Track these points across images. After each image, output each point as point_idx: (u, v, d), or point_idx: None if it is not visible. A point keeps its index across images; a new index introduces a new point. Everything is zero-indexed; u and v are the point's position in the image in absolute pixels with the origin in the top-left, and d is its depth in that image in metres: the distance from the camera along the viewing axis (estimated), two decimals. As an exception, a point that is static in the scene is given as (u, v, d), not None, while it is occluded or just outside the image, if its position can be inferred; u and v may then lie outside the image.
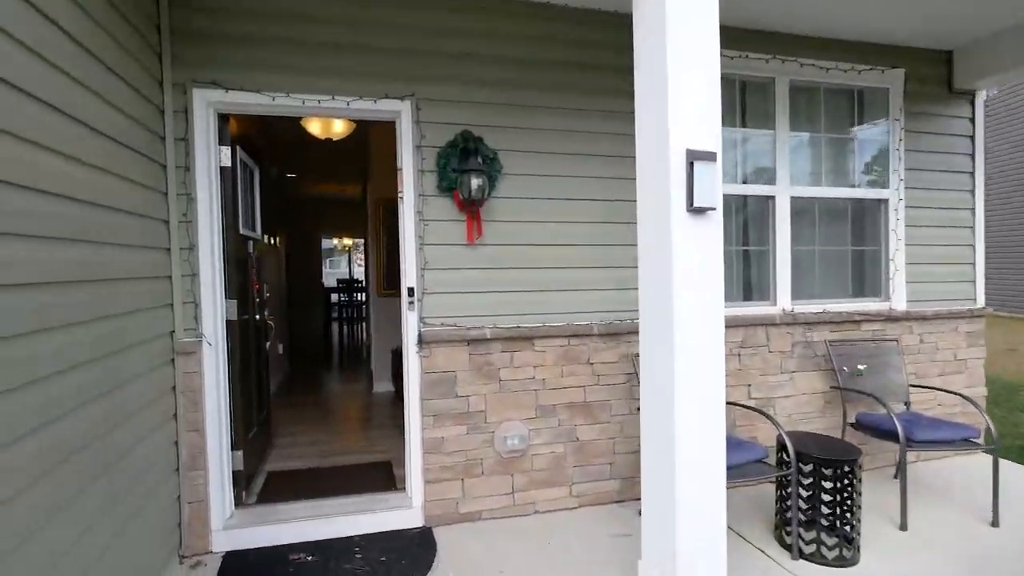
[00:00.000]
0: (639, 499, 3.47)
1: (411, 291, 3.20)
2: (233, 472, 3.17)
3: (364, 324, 11.54)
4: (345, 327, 11.98)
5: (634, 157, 3.56)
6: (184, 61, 2.91)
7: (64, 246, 1.94)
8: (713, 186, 2.07)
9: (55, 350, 1.86)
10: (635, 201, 3.57)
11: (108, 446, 2.19)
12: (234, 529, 3.05)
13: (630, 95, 3.58)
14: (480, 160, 3.16)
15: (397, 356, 5.84)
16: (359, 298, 12.18)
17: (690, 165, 2.06)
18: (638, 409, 3.44)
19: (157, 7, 2.84)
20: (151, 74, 2.75)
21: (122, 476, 2.30)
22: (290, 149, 6.57)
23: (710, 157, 2.08)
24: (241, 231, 3.43)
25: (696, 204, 2.05)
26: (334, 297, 12.35)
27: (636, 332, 3.50)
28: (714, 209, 2.10)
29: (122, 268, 2.38)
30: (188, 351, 2.90)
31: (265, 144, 5.93)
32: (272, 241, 6.80)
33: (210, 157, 3.00)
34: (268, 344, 4.17)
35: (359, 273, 15.69)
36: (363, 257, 11.05)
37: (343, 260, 19.46)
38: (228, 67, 2.96)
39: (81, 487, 1.97)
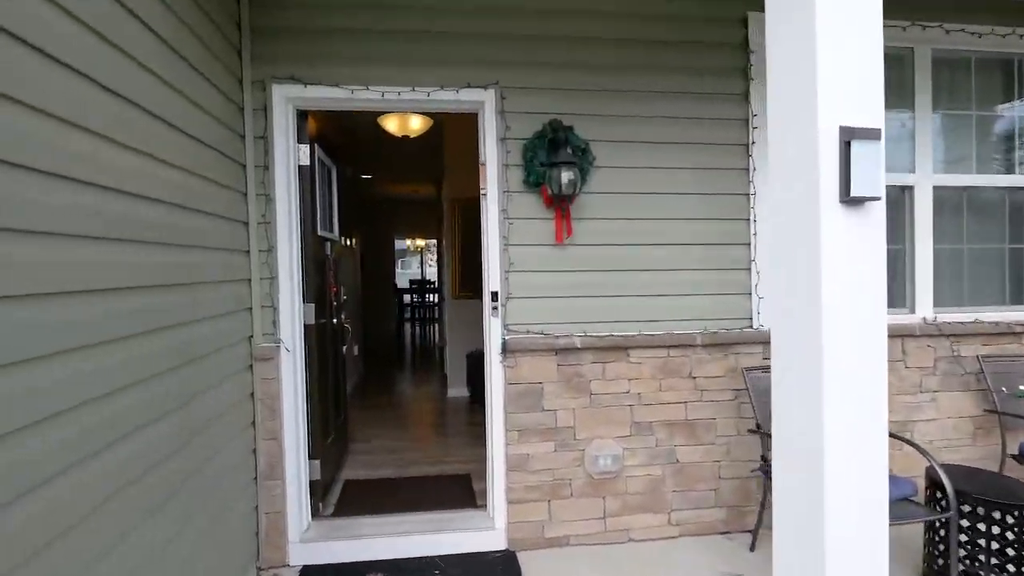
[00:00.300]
0: (748, 531, 3.07)
1: (495, 296, 2.95)
2: (310, 482, 3.03)
3: (436, 325, 11.52)
4: (417, 328, 12.02)
5: (741, 144, 3.20)
6: (263, 57, 2.80)
7: (147, 249, 1.85)
8: (875, 170, 1.68)
9: (139, 357, 1.77)
10: (741, 194, 3.20)
11: (189, 456, 2.10)
12: (311, 543, 2.90)
13: (738, 73, 3.24)
14: (570, 151, 2.87)
15: (472, 360, 5.66)
16: (431, 299, 12.19)
17: (845, 145, 1.68)
18: (750, 431, 3.05)
19: (238, 3, 2.73)
20: (231, 71, 2.64)
21: (202, 486, 2.20)
22: (366, 149, 6.52)
23: (872, 135, 1.69)
24: (319, 232, 3.30)
25: (854, 193, 1.67)
26: (406, 298, 12.42)
27: (745, 343, 3.11)
28: (877, 199, 1.70)
29: (204, 272, 2.28)
30: (266, 357, 2.78)
31: (341, 143, 5.89)
32: (348, 242, 6.79)
33: (289, 156, 2.87)
34: (345, 348, 4.06)
35: (430, 274, 15.78)
36: (436, 258, 11.03)
37: (414, 261, 19.71)
38: (307, 61, 2.82)
39: (164, 498, 1.90)
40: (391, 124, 4.22)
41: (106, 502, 1.58)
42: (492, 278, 2.96)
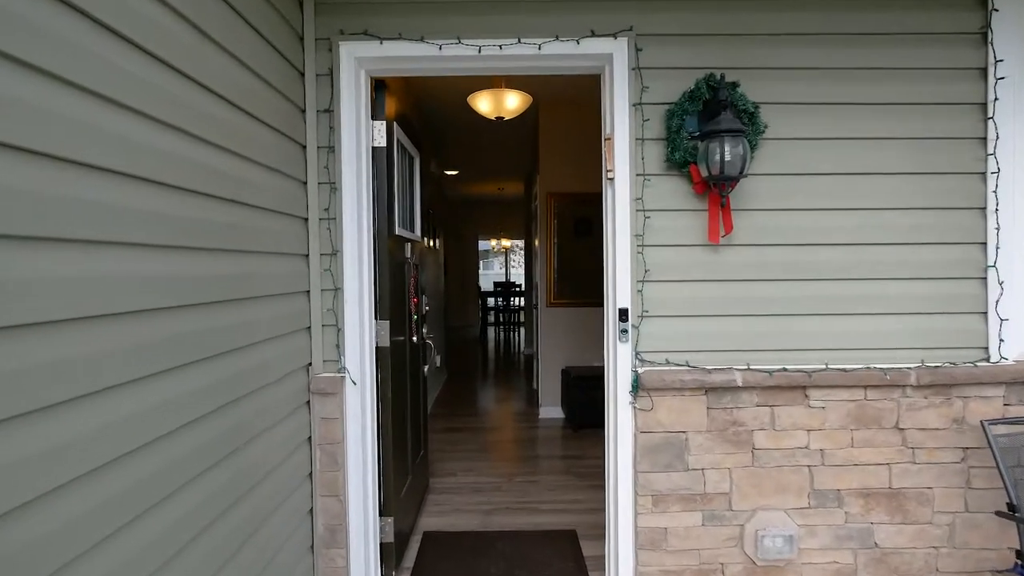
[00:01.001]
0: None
1: (623, 314, 2.20)
2: (381, 545, 2.41)
3: (522, 330, 10.90)
4: (501, 333, 11.45)
5: (973, 104, 2.15)
6: (329, 8, 2.20)
7: (187, 257, 1.37)
8: None
9: (181, 398, 1.33)
10: (973, 174, 2.19)
11: (234, 525, 1.57)
12: (383, 626, 2.28)
13: (970, 3, 2.20)
14: (733, 117, 2.07)
15: (568, 378, 4.93)
16: (516, 303, 11.58)
17: None
18: (1000, 513, 2.07)
19: (298, -59, 2.16)
20: (290, 26, 2.07)
21: (248, 566, 1.62)
22: (451, 139, 5.98)
23: None
24: (397, 231, 2.68)
25: None
26: (490, 302, 11.88)
27: (978, 383, 2.19)
28: None
29: (255, 283, 1.74)
30: (327, 391, 2.17)
31: (425, 131, 5.35)
32: (432, 244, 6.25)
33: (360, 135, 2.26)
34: (427, 368, 3.44)
35: (515, 275, 15.20)
36: (523, 259, 10.42)
37: (496, 262, 19.26)
38: (383, 9, 2.20)
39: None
40: (483, 103, 3.56)
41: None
42: (620, 290, 2.21)
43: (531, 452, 4.43)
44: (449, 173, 7.54)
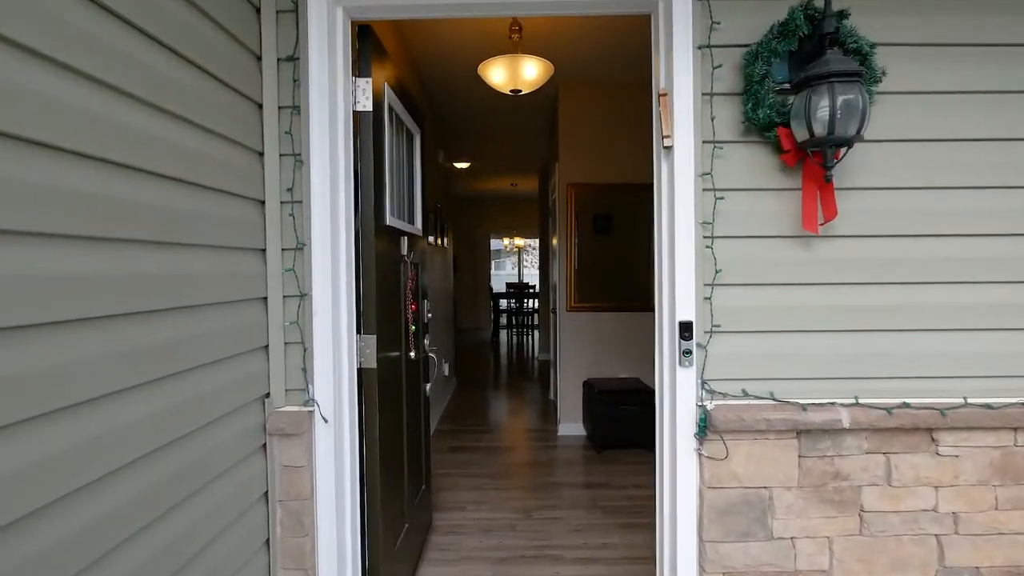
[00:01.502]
0: None
1: (685, 329, 1.63)
2: (367, 623, 1.86)
3: (536, 334, 10.35)
4: (514, 337, 10.90)
5: None
6: (295, -76, 1.66)
7: (104, 252, 0.98)
8: None
9: (87, 446, 0.94)
10: None
11: None
12: None
13: None
14: (844, 56, 1.50)
15: (591, 392, 4.37)
16: (530, 305, 11.03)
17: None
18: None
19: None
20: (242, -55, 1.54)
21: None
22: (457, 126, 5.45)
23: None
24: (389, 222, 2.12)
25: None
26: (503, 304, 11.34)
27: None
28: None
29: (193, 287, 1.27)
30: (289, 431, 1.62)
31: (429, 115, 4.82)
32: (441, 242, 5.71)
33: (336, 93, 1.72)
34: (428, 385, 2.90)
35: (528, 275, 14.65)
36: (538, 259, 9.87)
37: (508, 262, 18.73)
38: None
39: None
40: (496, 73, 3.01)
41: None
42: (680, 297, 1.64)
43: (550, 478, 3.87)
44: (458, 166, 7.00)
